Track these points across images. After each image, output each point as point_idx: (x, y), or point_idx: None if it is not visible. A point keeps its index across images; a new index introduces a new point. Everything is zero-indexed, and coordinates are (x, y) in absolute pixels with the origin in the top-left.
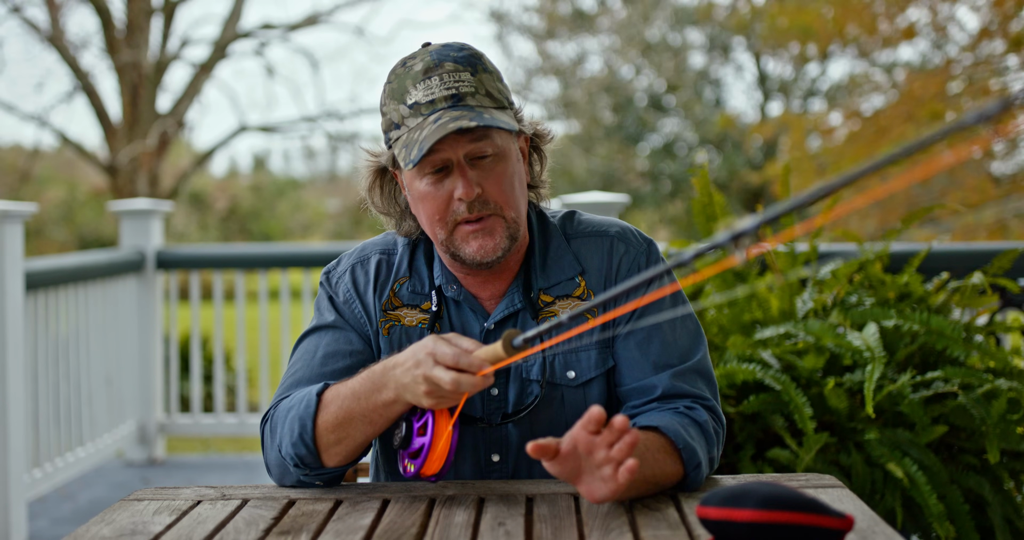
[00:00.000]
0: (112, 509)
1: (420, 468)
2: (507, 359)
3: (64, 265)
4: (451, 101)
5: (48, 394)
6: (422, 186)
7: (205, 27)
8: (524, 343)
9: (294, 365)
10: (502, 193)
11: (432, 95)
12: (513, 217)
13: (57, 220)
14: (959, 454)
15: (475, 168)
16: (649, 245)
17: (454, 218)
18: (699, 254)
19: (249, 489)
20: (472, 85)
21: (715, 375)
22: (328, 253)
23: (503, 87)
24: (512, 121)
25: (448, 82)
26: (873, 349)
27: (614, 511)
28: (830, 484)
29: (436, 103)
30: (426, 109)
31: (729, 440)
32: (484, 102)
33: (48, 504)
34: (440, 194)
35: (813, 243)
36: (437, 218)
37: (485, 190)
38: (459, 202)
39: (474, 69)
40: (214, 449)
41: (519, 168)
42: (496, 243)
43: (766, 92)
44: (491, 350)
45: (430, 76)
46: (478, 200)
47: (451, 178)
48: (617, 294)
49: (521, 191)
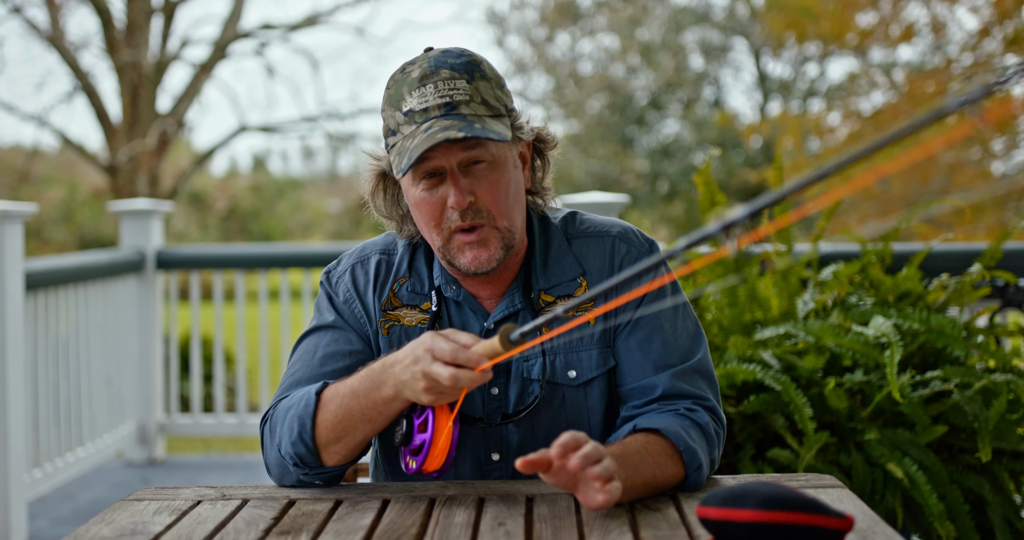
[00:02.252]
0: (112, 509)
1: (422, 464)
2: (505, 353)
3: (64, 265)
4: (444, 109)
5: (48, 394)
6: (417, 192)
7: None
8: (521, 337)
9: (294, 365)
10: (495, 202)
11: (426, 103)
12: (506, 226)
13: (57, 220)
14: (959, 454)
15: (468, 176)
16: (651, 246)
17: (448, 226)
18: (691, 245)
19: (249, 489)
20: (467, 93)
21: (716, 375)
22: (328, 253)
23: (502, 94)
24: (506, 130)
25: (442, 90)
26: (889, 334)
27: (614, 511)
28: (830, 484)
29: (429, 111)
30: (420, 117)
31: (729, 440)
32: (479, 110)
33: (48, 504)
34: (434, 201)
35: (815, 244)
36: (433, 225)
37: (478, 198)
38: (452, 210)
39: (471, 76)
40: (214, 449)
41: (515, 175)
42: (491, 254)
43: (766, 92)
44: (489, 345)
45: (425, 84)
46: (471, 209)
47: (445, 185)
48: (612, 286)
49: (516, 199)
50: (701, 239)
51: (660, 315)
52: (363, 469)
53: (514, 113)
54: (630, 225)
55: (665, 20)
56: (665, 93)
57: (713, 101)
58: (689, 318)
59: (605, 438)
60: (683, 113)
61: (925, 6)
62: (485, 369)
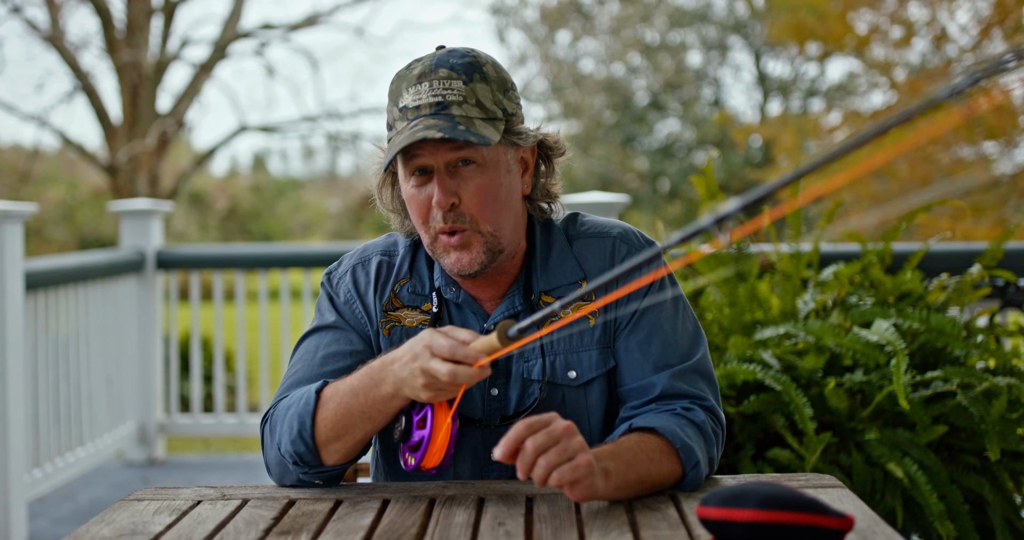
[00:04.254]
0: (112, 509)
1: (420, 461)
2: (503, 349)
3: (64, 265)
4: (434, 108)
5: (48, 394)
6: (408, 188)
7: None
8: (519, 333)
9: (294, 365)
10: (479, 206)
11: (419, 100)
12: (490, 231)
13: (57, 220)
14: (959, 454)
15: (455, 176)
16: (652, 247)
17: (434, 226)
18: (685, 238)
19: (249, 489)
20: (461, 94)
21: (716, 375)
22: (328, 253)
23: (503, 98)
24: (495, 134)
25: (436, 89)
26: (894, 342)
27: (614, 511)
28: (830, 484)
29: (421, 109)
30: (411, 114)
31: (729, 440)
32: (471, 112)
33: (48, 504)
34: (422, 198)
35: (816, 244)
36: (421, 222)
37: (462, 201)
38: (436, 209)
39: (468, 77)
40: (214, 449)
41: (508, 180)
42: (472, 258)
43: (766, 92)
44: (487, 341)
45: (422, 81)
46: (453, 211)
47: (432, 184)
48: (609, 280)
49: (507, 204)
50: (695, 232)
51: (660, 315)
52: (363, 469)
53: (514, 118)
54: (631, 226)
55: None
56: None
57: (713, 101)
58: (688, 318)
59: (605, 439)
60: (683, 113)
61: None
62: (483, 365)
